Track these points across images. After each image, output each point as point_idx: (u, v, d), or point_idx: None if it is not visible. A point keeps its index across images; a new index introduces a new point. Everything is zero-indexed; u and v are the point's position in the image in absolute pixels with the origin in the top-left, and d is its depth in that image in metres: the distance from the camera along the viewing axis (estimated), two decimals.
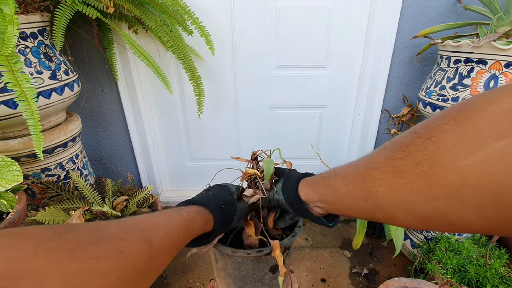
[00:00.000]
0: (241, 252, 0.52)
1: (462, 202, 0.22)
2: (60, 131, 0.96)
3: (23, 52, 0.82)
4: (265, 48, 1.24)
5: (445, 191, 0.23)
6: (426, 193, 0.24)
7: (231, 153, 1.48)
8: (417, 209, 0.26)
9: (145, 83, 1.30)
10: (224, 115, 1.39)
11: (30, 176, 0.95)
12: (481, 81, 0.87)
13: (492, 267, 0.90)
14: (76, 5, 0.88)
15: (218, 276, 0.63)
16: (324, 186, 0.39)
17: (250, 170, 0.53)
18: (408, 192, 0.26)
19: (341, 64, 1.28)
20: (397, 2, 1.11)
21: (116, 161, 1.45)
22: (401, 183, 0.26)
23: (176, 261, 1.25)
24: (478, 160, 0.20)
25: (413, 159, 0.25)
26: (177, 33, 1.08)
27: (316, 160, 1.47)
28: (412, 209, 0.26)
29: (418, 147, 0.25)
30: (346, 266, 1.22)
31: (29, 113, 0.71)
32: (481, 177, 0.20)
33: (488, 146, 0.20)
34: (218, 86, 1.32)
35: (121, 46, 1.15)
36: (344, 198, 0.35)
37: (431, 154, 0.23)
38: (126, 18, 1.06)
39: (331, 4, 1.16)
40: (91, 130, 1.35)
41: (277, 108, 1.38)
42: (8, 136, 0.89)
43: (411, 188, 0.25)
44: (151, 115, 1.38)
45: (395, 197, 0.27)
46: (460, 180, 0.21)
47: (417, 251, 1.16)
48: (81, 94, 1.24)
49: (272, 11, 1.18)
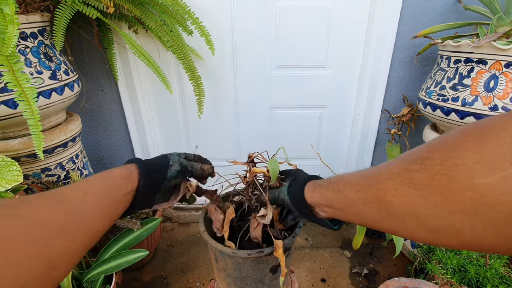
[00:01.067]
0: (241, 252, 0.52)
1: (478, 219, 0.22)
2: (60, 131, 0.96)
3: (23, 52, 0.82)
4: (265, 48, 1.24)
5: (462, 207, 0.23)
6: (442, 207, 0.24)
7: (231, 153, 1.48)
8: (432, 223, 0.26)
9: (145, 83, 1.30)
10: (224, 115, 1.39)
11: (30, 176, 0.95)
12: (481, 81, 0.87)
13: (492, 267, 0.90)
14: (76, 5, 0.88)
15: (219, 276, 0.63)
16: (332, 191, 0.38)
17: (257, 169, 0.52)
18: (423, 205, 0.25)
19: (341, 64, 1.28)
20: (397, 2, 1.11)
21: (116, 161, 1.45)
22: (416, 195, 0.26)
23: (176, 261, 1.25)
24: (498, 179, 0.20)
25: (429, 172, 0.25)
26: (177, 33, 1.08)
27: (316, 160, 1.47)
28: (426, 223, 0.26)
29: (435, 161, 0.25)
30: (346, 266, 1.22)
31: (29, 113, 0.71)
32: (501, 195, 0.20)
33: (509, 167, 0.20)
34: (218, 86, 1.32)
35: (121, 46, 1.15)
36: (353, 205, 0.35)
37: (449, 169, 0.23)
38: (126, 18, 1.06)
39: (331, 4, 1.16)
40: (91, 130, 1.35)
41: (277, 108, 1.38)
42: (8, 136, 0.89)
43: (427, 201, 0.25)
44: (151, 115, 1.38)
45: (409, 209, 0.27)
46: (478, 198, 0.21)
47: (417, 251, 1.16)
48: (81, 94, 1.24)
49: (272, 11, 1.18)
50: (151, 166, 0.45)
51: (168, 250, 1.31)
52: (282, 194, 0.48)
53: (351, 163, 1.48)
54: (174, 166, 0.48)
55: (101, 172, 0.40)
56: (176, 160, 0.49)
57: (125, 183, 0.41)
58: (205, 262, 1.24)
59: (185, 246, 1.33)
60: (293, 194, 0.46)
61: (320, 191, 0.41)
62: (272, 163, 0.51)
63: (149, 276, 1.18)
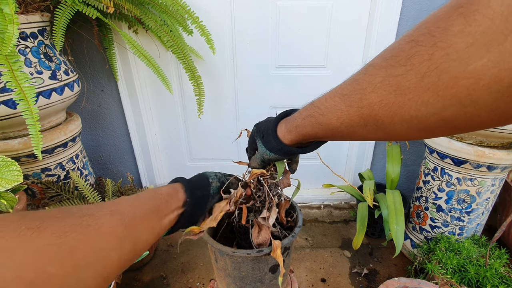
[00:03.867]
0: (241, 252, 0.52)
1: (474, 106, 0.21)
2: (60, 131, 0.96)
3: (23, 52, 0.82)
4: (265, 48, 1.24)
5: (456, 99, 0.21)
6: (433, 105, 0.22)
7: (231, 153, 1.48)
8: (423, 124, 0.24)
9: (145, 83, 1.30)
10: (224, 115, 1.39)
11: (30, 176, 0.95)
12: None
13: (492, 267, 0.90)
14: (76, 5, 0.88)
15: (218, 276, 0.63)
16: (311, 127, 0.37)
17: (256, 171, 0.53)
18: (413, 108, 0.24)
19: (341, 64, 1.28)
20: (397, 2, 1.11)
21: (116, 161, 1.45)
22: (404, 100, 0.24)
23: (176, 261, 1.25)
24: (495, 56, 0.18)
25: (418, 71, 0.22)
26: (177, 33, 1.08)
27: (316, 160, 1.47)
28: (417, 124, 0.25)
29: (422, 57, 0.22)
30: (346, 266, 1.21)
31: (28, 113, 0.71)
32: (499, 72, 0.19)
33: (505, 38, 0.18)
34: (218, 86, 1.32)
35: (121, 46, 1.15)
36: (337, 130, 0.33)
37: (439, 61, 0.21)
38: (126, 18, 1.06)
39: (331, 4, 1.16)
40: (91, 130, 1.35)
41: (277, 108, 1.38)
42: (8, 136, 0.89)
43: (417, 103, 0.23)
44: (151, 115, 1.38)
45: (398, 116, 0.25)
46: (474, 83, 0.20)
47: (417, 251, 1.16)
48: (81, 94, 1.24)
49: (272, 11, 1.18)
50: (194, 183, 0.47)
51: (168, 250, 1.31)
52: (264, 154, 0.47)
53: (351, 163, 1.48)
54: (214, 183, 0.51)
55: (147, 189, 0.42)
56: (214, 176, 0.52)
57: (172, 200, 0.41)
58: (205, 262, 1.24)
59: (185, 246, 1.33)
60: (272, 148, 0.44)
61: (297, 131, 0.40)
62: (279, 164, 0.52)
63: (149, 276, 1.18)
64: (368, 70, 0.28)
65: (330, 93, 0.34)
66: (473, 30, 0.19)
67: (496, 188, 1.03)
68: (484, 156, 0.93)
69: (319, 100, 0.35)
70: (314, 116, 0.35)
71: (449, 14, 0.21)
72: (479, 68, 0.19)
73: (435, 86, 0.22)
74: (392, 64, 0.25)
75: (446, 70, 0.21)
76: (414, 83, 0.23)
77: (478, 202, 1.02)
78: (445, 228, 1.10)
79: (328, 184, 1.26)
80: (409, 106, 0.24)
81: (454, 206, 1.05)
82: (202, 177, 0.50)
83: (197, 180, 0.49)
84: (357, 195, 1.27)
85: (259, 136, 0.47)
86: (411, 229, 1.25)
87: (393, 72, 0.25)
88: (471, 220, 1.06)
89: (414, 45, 0.23)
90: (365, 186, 1.17)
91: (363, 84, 0.28)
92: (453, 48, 0.20)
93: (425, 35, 0.22)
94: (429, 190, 1.11)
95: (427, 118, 0.24)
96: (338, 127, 0.32)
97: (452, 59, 0.20)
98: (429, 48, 0.22)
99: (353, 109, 0.29)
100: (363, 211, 1.13)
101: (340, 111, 0.31)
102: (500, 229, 0.93)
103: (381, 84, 0.26)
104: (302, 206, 1.55)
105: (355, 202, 1.53)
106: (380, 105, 0.26)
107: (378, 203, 1.14)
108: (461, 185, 1.02)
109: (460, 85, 0.20)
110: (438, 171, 1.06)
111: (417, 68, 0.22)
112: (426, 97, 0.23)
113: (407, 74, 0.23)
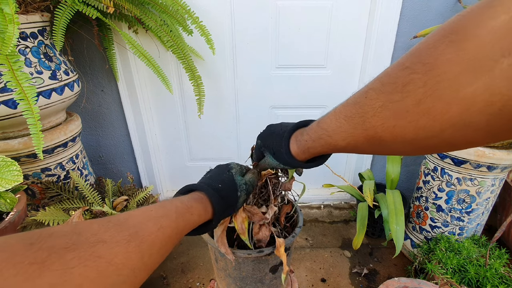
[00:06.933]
0: (241, 252, 0.52)
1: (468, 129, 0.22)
2: (60, 131, 0.96)
3: (23, 52, 0.82)
4: (265, 48, 1.24)
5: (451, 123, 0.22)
6: (431, 128, 0.24)
7: (231, 153, 1.48)
8: (424, 143, 0.26)
9: (145, 83, 1.30)
10: (224, 115, 1.39)
11: (30, 176, 0.95)
12: None
13: (492, 267, 0.90)
14: (76, 5, 0.88)
15: (218, 276, 0.63)
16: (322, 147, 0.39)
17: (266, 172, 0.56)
18: (412, 131, 0.25)
19: (341, 64, 1.28)
20: (397, 2, 1.11)
21: (116, 161, 1.45)
22: (405, 123, 0.25)
23: (176, 261, 1.25)
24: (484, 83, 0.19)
25: (414, 98, 0.24)
26: (177, 33, 1.08)
27: None
28: (419, 144, 0.26)
29: (416, 84, 0.23)
30: (346, 266, 1.21)
31: (29, 112, 0.71)
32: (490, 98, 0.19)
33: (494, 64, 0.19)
34: (218, 86, 1.32)
35: (121, 46, 1.15)
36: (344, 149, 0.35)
37: (433, 89, 0.22)
38: (126, 18, 1.06)
39: (331, 4, 1.16)
40: (91, 130, 1.35)
41: (277, 108, 1.38)
42: (8, 136, 0.89)
43: (415, 127, 0.25)
44: (151, 115, 1.38)
45: (400, 138, 0.27)
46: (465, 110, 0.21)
47: (417, 251, 1.16)
48: (81, 94, 1.24)
49: (272, 11, 1.18)
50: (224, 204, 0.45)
51: None
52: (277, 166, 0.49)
53: (351, 163, 1.48)
54: (241, 198, 0.49)
55: (176, 202, 0.38)
56: (244, 188, 0.50)
57: (199, 219, 0.40)
58: (205, 262, 1.24)
59: (185, 246, 1.33)
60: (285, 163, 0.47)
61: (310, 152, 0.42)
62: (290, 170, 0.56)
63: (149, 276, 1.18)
64: (368, 93, 0.29)
65: (335, 114, 0.35)
66: (461, 59, 0.20)
67: (496, 188, 1.03)
68: (484, 156, 0.93)
69: (324, 121, 0.37)
70: (322, 138, 0.37)
71: (439, 43, 0.22)
72: (469, 94, 0.20)
73: (431, 111, 0.23)
74: (389, 91, 0.26)
75: (439, 97, 0.22)
76: (411, 108, 0.24)
77: (478, 202, 1.02)
78: (445, 228, 1.10)
79: (328, 184, 1.26)
80: (409, 129, 0.25)
81: (454, 206, 1.05)
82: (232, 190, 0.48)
83: (227, 195, 0.46)
84: (357, 195, 1.27)
85: (268, 152, 0.50)
86: (411, 229, 1.25)
87: (391, 98, 0.26)
88: (471, 220, 1.06)
89: (409, 73, 0.24)
90: (365, 186, 1.17)
91: (365, 108, 0.29)
92: (444, 76, 0.21)
93: (418, 63, 0.23)
94: (429, 190, 1.11)
95: (427, 139, 0.25)
96: (344, 147, 0.35)
97: (444, 87, 0.21)
98: (422, 76, 0.23)
99: (358, 131, 0.31)
100: (363, 211, 1.13)
101: (346, 132, 0.33)
102: (500, 229, 0.93)
103: (382, 108, 0.27)
104: (302, 206, 1.55)
105: (355, 202, 1.53)
106: (382, 128, 0.28)
107: (378, 203, 1.14)
108: (461, 185, 1.02)
109: (453, 110, 0.22)
110: (438, 171, 1.07)
111: (413, 95, 0.24)
112: (423, 121, 0.24)
113: (404, 100, 0.25)
